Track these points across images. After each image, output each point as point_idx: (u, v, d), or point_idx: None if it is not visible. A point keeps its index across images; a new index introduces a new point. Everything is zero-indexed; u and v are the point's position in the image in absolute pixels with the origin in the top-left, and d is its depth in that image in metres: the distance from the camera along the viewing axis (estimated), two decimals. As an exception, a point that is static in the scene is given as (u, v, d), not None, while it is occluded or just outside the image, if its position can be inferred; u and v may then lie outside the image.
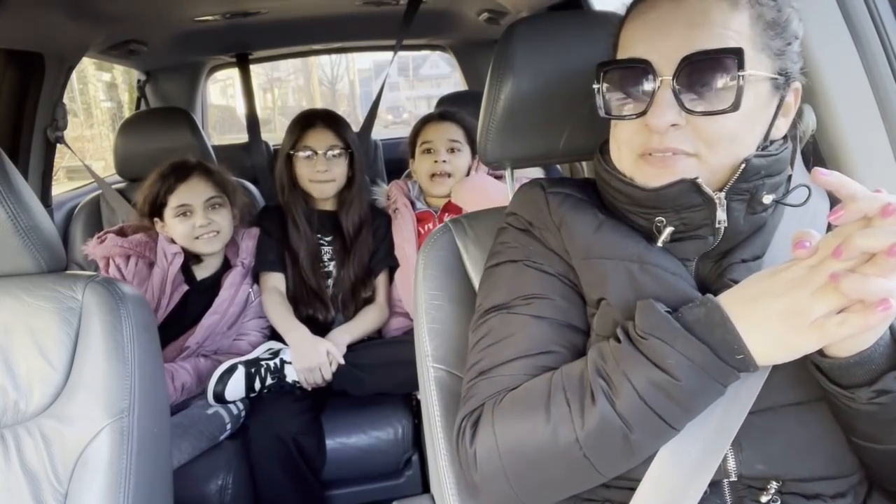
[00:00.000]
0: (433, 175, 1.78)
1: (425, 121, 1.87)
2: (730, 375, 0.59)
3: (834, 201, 0.79)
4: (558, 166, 2.25)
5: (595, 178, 0.80)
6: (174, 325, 1.61)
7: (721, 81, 0.63)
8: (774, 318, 0.55)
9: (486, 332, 0.75)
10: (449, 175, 1.78)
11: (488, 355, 0.73)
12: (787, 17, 0.67)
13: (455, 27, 2.53)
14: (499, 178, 1.79)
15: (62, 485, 0.87)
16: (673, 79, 0.63)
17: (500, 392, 0.70)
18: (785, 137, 0.72)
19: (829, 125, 0.91)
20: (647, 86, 0.65)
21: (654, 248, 0.72)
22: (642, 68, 0.65)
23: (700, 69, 0.63)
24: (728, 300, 0.59)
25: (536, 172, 1.84)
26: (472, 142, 1.82)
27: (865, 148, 0.91)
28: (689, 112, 0.64)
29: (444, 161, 1.77)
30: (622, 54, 0.70)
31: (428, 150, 1.80)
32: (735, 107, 0.62)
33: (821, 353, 0.59)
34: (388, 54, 2.70)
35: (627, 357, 0.61)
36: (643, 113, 0.66)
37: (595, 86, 0.70)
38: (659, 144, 0.66)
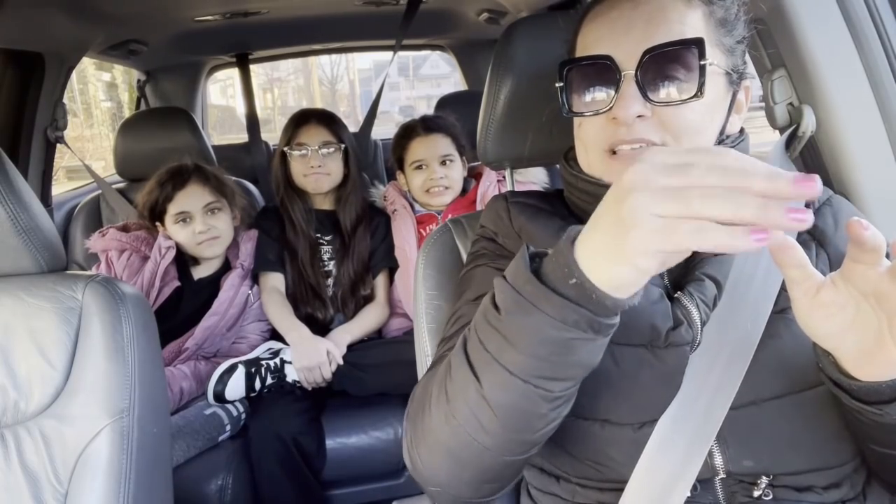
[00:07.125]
0: (429, 189, 1.74)
1: (409, 135, 1.78)
2: (567, 309, 0.49)
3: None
4: (559, 166, 2.24)
5: (563, 186, 0.80)
6: (166, 322, 1.60)
7: (683, 71, 0.63)
8: (602, 224, 0.47)
9: (447, 334, 0.75)
10: (446, 188, 1.74)
11: (439, 352, 0.74)
12: (735, 16, 0.69)
13: (455, 27, 2.52)
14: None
15: (62, 485, 0.87)
16: (636, 72, 0.64)
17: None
18: (741, 132, 0.74)
19: (829, 125, 0.91)
20: (611, 81, 0.66)
21: None
22: (605, 64, 0.66)
23: (662, 61, 0.64)
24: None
25: (538, 173, 1.83)
26: (460, 147, 1.79)
27: (865, 148, 0.91)
28: (654, 102, 0.64)
29: (442, 177, 1.73)
30: (583, 53, 0.71)
31: (420, 167, 1.76)
32: (699, 94, 0.63)
33: (847, 375, 0.55)
34: (388, 54, 2.70)
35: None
36: (609, 108, 0.66)
37: (558, 84, 0.70)
38: (627, 136, 0.66)
